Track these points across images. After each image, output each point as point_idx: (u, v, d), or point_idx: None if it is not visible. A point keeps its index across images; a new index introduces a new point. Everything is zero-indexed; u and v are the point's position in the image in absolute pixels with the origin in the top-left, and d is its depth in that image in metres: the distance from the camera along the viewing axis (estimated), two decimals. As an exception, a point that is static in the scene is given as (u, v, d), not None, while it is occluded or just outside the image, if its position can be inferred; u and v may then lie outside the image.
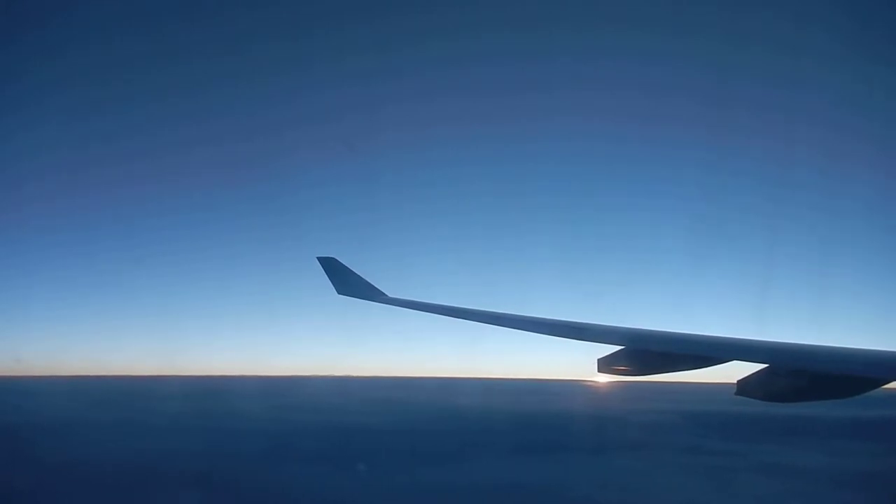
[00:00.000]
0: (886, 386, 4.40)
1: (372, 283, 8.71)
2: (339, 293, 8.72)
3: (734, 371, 4.84)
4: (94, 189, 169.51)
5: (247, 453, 31.21)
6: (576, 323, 6.29)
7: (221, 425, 42.02)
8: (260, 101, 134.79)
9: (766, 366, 4.65)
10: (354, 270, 8.84)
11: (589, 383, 73.21)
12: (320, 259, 9.03)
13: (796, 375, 4.56)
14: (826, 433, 38.53)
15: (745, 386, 4.74)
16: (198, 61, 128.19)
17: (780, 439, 37.59)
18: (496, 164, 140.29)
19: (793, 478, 28.12)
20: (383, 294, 8.54)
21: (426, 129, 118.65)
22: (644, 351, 5.35)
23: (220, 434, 37.99)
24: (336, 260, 8.99)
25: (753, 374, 4.71)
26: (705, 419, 49.31)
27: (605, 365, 5.46)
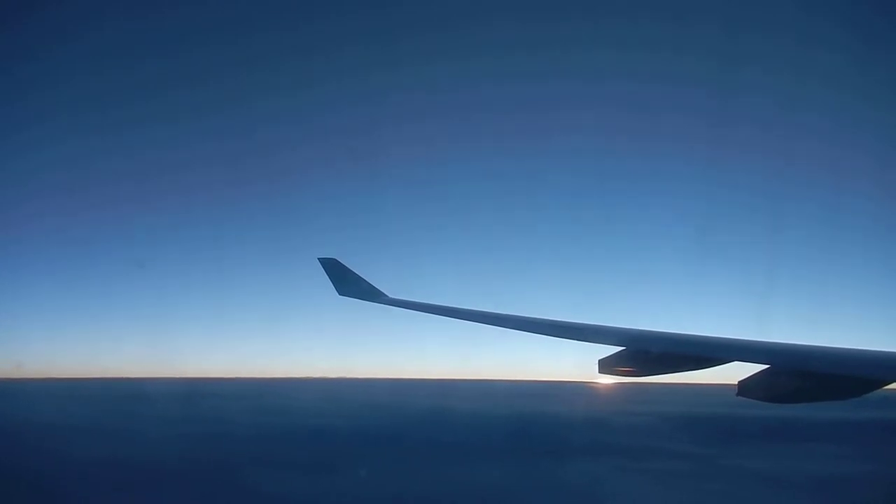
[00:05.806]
0: (887, 387, 4.40)
1: (373, 283, 8.72)
2: (340, 294, 8.72)
3: (736, 372, 4.84)
4: (95, 189, 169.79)
5: (205, 459, 30.38)
6: (576, 324, 6.29)
7: (191, 430, 41.16)
8: (261, 102, 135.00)
9: (766, 367, 4.65)
10: (355, 271, 8.84)
11: (591, 384, 73.16)
12: (321, 260, 9.02)
13: (797, 376, 4.56)
14: (814, 436, 37.91)
15: (745, 387, 4.72)
16: (200, 62, 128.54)
17: (763, 442, 36.98)
18: (497, 166, 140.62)
19: (751, 482, 27.54)
20: (384, 295, 8.54)
21: (427, 129, 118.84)
22: (645, 352, 5.34)
23: (184, 439, 37.04)
24: (337, 261, 8.98)
25: (754, 374, 4.69)
26: (694, 421, 48.67)
27: (605, 366, 5.46)
